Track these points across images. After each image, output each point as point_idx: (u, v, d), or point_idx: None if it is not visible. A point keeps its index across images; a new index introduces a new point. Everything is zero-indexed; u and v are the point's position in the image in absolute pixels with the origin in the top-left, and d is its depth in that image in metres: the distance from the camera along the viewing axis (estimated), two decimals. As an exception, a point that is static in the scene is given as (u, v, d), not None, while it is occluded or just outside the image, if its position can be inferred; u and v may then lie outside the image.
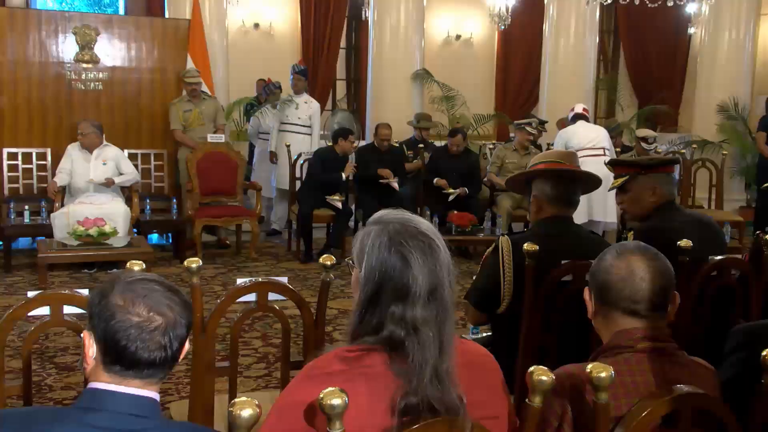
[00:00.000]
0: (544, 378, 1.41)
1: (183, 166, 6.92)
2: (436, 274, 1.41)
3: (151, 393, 1.35)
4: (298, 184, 7.01)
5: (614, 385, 1.51)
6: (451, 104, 9.04)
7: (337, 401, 1.22)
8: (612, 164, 3.12)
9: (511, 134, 8.31)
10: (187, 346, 1.40)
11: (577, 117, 6.78)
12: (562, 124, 7.39)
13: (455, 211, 6.45)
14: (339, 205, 6.60)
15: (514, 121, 8.08)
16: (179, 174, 7.04)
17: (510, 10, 9.16)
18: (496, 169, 7.09)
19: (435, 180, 6.91)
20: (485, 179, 7.28)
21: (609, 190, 3.14)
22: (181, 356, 1.39)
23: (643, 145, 6.99)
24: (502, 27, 9.59)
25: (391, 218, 1.47)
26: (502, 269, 2.58)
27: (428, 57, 9.55)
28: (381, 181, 6.80)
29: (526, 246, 2.49)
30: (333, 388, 1.23)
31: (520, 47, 11.69)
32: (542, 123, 7.88)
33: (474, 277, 2.85)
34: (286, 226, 7.41)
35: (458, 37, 11.76)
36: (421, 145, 7.66)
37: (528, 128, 7.10)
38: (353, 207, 7.08)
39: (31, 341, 2.13)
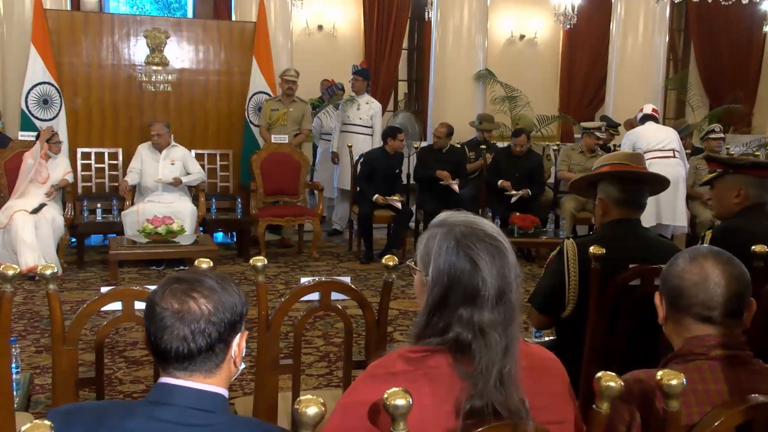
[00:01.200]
0: (612, 384, 1.38)
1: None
2: (504, 277, 1.40)
3: (219, 389, 1.37)
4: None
5: (685, 393, 1.47)
6: (514, 105, 8.94)
7: (401, 402, 1.22)
8: (707, 159, 3.14)
9: (576, 135, 8.17)
10: (235, 343, 1.40)
11: (646, 118, 6.61)
12: (630, 124, 7.22)
13: (517, 213, 6.36)
14: (399, 205, 6.61)
15: (579, 123, 7.93)
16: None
17: (576, 9, 9.01)
18: (566, 167, 6.99)
19: (500, 182, 6.84)
20: (549, 179, 7.17)
21: (700, 185, 3.09)
22: (229, 353, 1.39)
23: (711, 135, 6.84)
24: (568, 26, 9.44)
25: (456, 221, 1.46)
26: (567, 273, 2.54)
27: (491, 57, 9.47)
28: (441, 182, 6.77)
29: (592, 249, 2.45)
30: (397, 389, 1.23)
31: (585, 47, 11.50)
32: (613, 126, 7.73)
33: (537, 281, 2.81)
34: (347, 226, 7.46)
35: (522, 36, 11.64)
36: (483, 146, 7.59)
37: (597, 133, 6.97)
38: (414, 208, 7.07)
39: (104, 335, 2.20)
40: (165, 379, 1.35)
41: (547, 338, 3.11)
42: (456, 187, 6.79)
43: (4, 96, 7.61)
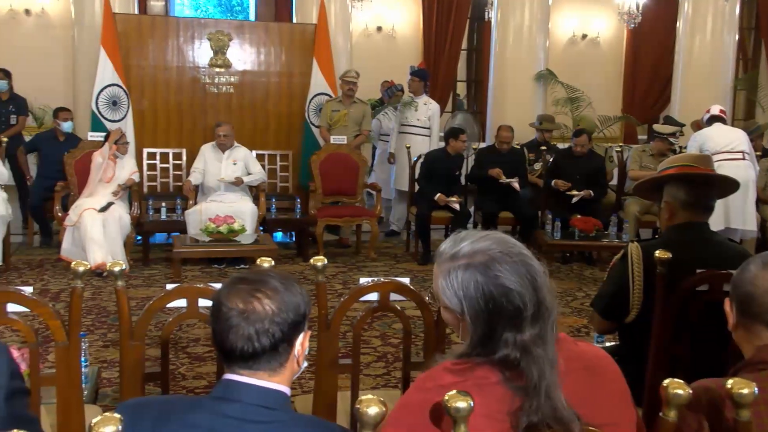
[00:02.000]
0: (680, 392, 1.35)
1: None
2: (537, 288, 1.38)
3: (282, 387, 1.39)
4: (417, 185, 7.04)
5: (757, 403, 1.42)
6: (576, 105, 8.80)
7: (462, 404, 1.21)
8: None
9: (640, 137, 7.98)
10: (299, 342, 1.42)
11: (714, 119, 6.41)
12: (697, 125, 7.01)
13: (578, 216, 6.25)
14: (457, 207, 6.57)
15: (644, 124, 7.76)
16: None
17: (641, 8, 8.81)
18: (637, 167, 6.82)
19: (553, 182, 6.73)
20: (612, 181, 7.01)
21: None
22: (292, 353, 1.41)
23: None
24: (632, 25, 9.24)
25: (467, 251, 1.41)
26: (632, 277, 2.48)
27: (552, 57, 9.35)
28: (501, 181, 6.70)
29: (657, 253, 2.39)
30: (456, 392, 1.22)
31: (650, 46, 11.22)
32: (679, 125, 7.53)
33: (599, 285, 2.75)
34: (404, 227, 7.46)
35: (584, 36, 11.44)
36: (543, 147, 7.49)
37: (671, 139, 6.79)
38: (472, 209, 7.03)
39: (169, 331, 2.25)
40: (230, 376, 1.38)
41: (608, 343, 3.05)
42: (516, 185, 6.70)
43: (76, 97, 7.91)
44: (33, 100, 8.47)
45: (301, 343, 1.43)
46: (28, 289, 2.12)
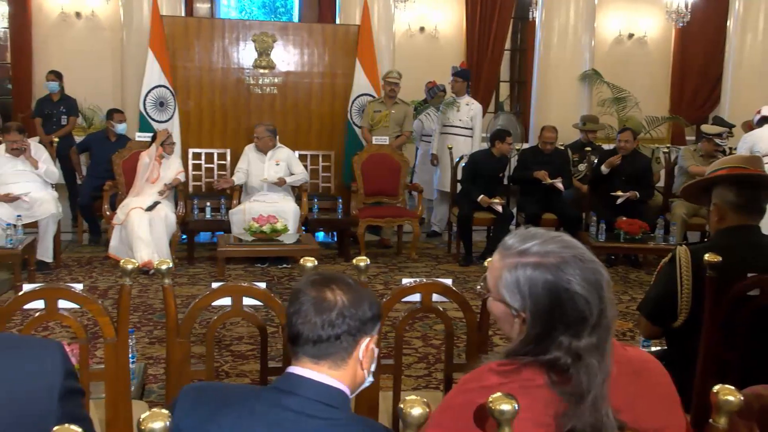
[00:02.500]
0: (731, 398, 1.32)
1: None
2: (602, 297, 1.36)
3: (343, 386, 1.41)
4: (459, 186, 7.01)
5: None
6: (621, 106, 8.66)
7: (506, 407, 1.20)
8: None
9: (689, 138, 7.82)
10: (364, 344, 1.43)
11: (765, 120, 6.26)
12: (749, 126, 6.85)
13: (624, 217, 6.14)
14: (499, 208, 6.52)
15: (692, 124, 7.59)
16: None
17: (689, 7, 8.63)
18: (693, 163, 6.66)
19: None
20: (659, 182, 6.87)
21: None
22: (356, 351, 1.43)
23: None
24: (681, 24, 9.06)
25: (538, 250, 1.39)
26: (680, 281, 2.43)
27: (597, 57, 9.22)
28: (545, 182, 6.63)
29: (707, 257, 2.33)
30: (501, 394, 1.22)
31: (699, 45, 10.99)
32: (728, 126, 7.36)
33: (646, 288, 2.71)
34: (446, 228, 7.44)
35: (631, 35, 11.26)
36: (587, 148, 7.39)
37: (717, 140, 6.64)
38: (514, 210, 6.97)
39: (215, 329, 2.28)
40: (293, 369, 1.41)
41: (654, 348, 2.99)
42: (560, 186, 6.63)
43: (124, 99, 8.08)
44: (83, 101, 8.69)
45: (367, 345, 1.45)
46: (78, 286, 2.17)
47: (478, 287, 1.53)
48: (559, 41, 8.53)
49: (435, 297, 2.38)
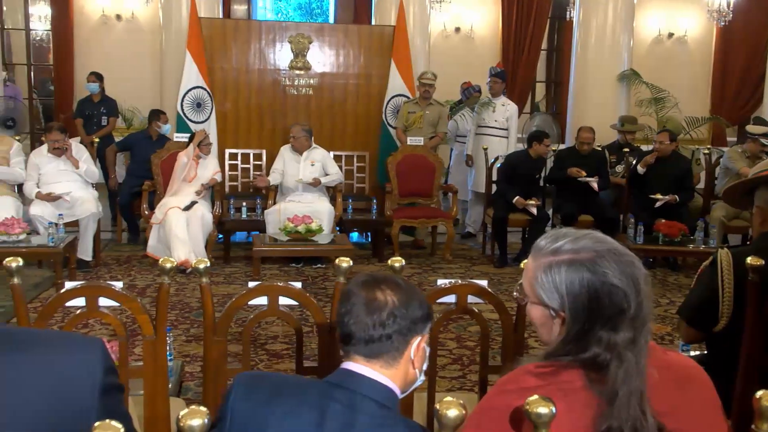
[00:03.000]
0: (774, 405, 1.28)
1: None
2: (639, 290, 1.35)
3: (394, 385, 1.43)
4: (494, 187, 6.97)
5: None
6: (661, 106, 8.52)
7: (543, 410, 1.19)
8: None
9: (730, 139, 7.66)
10: (415, 343, 1.45)
11: (809, 120, 6.10)
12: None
13: (663, 220, 6.03)
14: (534, 210, 6.46)
15: (736, 125, 7.43)
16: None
17: (732, 6, 8.46)
18: (741, 165, 6.52)
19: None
20: (698, 184, 6.73)
21: None
22: (407, 351, 1.44)
23: None
24: (722, 23, 8.89)
25: (571, 248, 1.38)
26: (721, 285, 2.38)
27: (636, 57, 9.09)
28: (579, 179, 6.55)
29: (749, 260, 2.28)
30: (538, 396, 1.20)
31: (742, 44, 10.75)
32: None
33: (686, 292, 2.65)
34: (480, 229, 7.41)
35: (671, 35, 11.07)
36: (625, 150, 7.29)
37: (762, 140, 6.50)
38: (550, 211, 6.90)
39: (251, 328, 2.30)
40: (346, 365, 1.44)
41: (694, 352, 2.94)
42: (595, 185, 6.54)
43: (162, 99, 8.20)
44: (123, 102, 8.83)
45: (418, 344, 1.46)
46: (118, 284, 2.20)
47: (515, 293, 1.52)
48: (596, 41, 8.43)
49: (470, 298, 2.36)
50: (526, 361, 1.42)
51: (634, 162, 6.78)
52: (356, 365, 1.43)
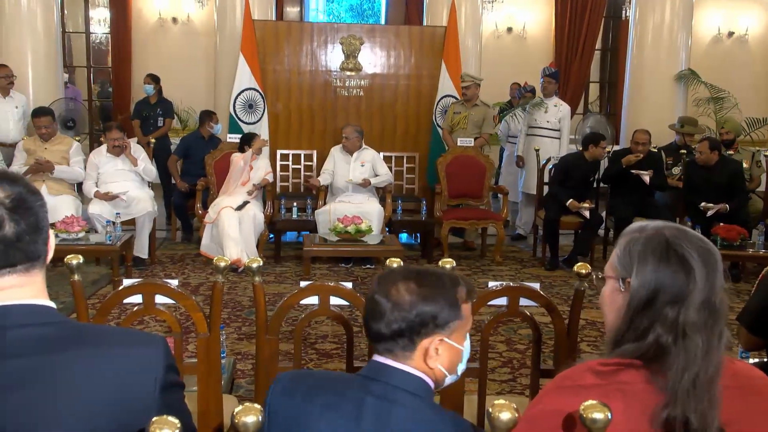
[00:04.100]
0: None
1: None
2: (714, 280, 1.33)
3: (423, 376, 1.43)
4: (545, 189, 6.87)
5: None
6: (719, 107, 8.29)
7: (599, 415, 1.17)
8: None
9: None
10: (426, 342, 1.42)
11: None
12: None
13: (721, 223, 5.86)
14: (587, 214, 6.35)
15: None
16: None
17: (795, 2, 8.19)
18: None
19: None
20: (759, 186, 6.50)
21: None
22: (417, 349, 1.42)
23: None
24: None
25: (659, 224, 1.41)
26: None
27: (694, 56, 8.86)
28: (632, 171, 6.41)
29: (815, 266, 2.20)
30: (594, 401, 1.18)
31: (805, 43, 10.41)
32: None
33: (747, 298, 2.58)
34: (531, 230, 7.32)
35: (731, 34, 10.78)
36: (683, 151, 7.11)
37: None
38: (604, 214, 6.77)
39: (302, 327, 2.31)
40: (376, 357, 1.46)
41: (753, 360, 2.85)
42: (647, 179, 6.39)
43: (216, 101, 8.35)
44: (178, 104, 9.03)
45: (435, 345, 1.43)
46: (174, 282, 2.24)
47: (594, 277, 1.51)
48: (653, 40, 8.24)
49: (522, 301, 2.34)
50: (588, 357, 1.40)
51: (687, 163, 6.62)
52: (383, 358, 1.45)
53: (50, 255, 1.27)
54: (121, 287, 2.22)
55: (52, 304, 1.23)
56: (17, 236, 1.16)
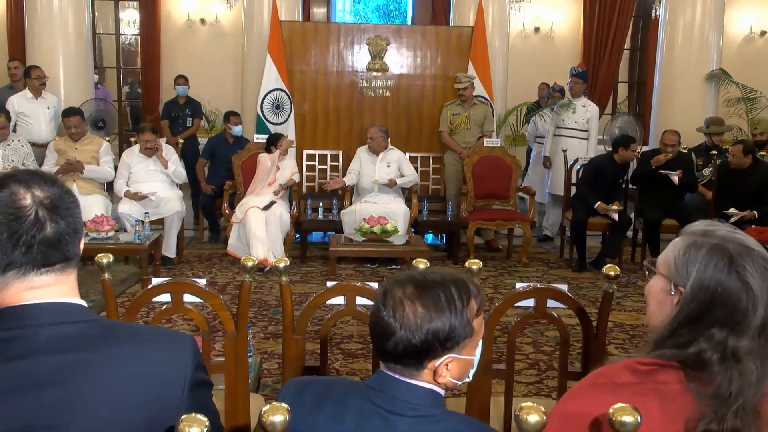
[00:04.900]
0: None
1: (449, 170, 7.13)
2: None
3: (430, 386, 1.38)
4: (573, 190, 6.81)
5: None
6: (751, 107, 8.16)
7: (629, 419, 1.16)
8: None
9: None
10: (437, 362, 1.36)
11: None
12: None
13: (754, 225, 5.76)
14: (615, 216, 6.27)
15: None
16: (446, 177, 7.24)
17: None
18: None
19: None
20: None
21: None
22: (426, 368, 1.36)
23: None
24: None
25: (725, 235, 1.35)
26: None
27: (725, 56, 8.73)
28: (661, 171, 6.33)
29: None
30: (624, 404, 1.17)
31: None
32: None
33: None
34: (558, 232, 7.26)
35: (763, 33, 10.60)
36: (713, 152, 7.00)
37: None
38: (632, 215, 6.69)
39: (329, 327, 2.32)
40: (383, 369, 1.42)
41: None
42: (675, 179, 6.29)
43: (243, 102, 8.39)
44: (206, 104, 9.10)
45: (440, 364, 1.36)
46: (202, 281, 2.26)
47: (646, 262, 1.48)
48: (684, 40, 8.14)
49: (549, 303, 2.32)
50: (619, 358, 1.39)
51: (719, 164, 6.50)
52: (389, 371, 1.39)
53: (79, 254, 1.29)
54: (150, 286, 2.24)
55: (84, 303, 1.25)
56: (57, 236, 1.18)
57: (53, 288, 1.20)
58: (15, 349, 1.15)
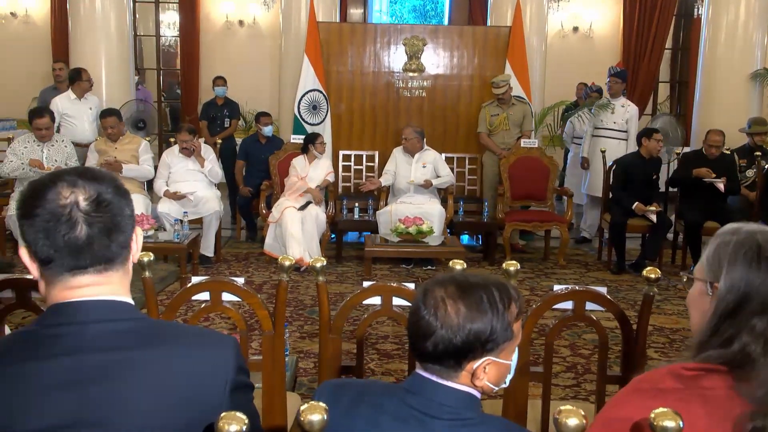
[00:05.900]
0: None
1: (487, 171, 7.08)
2: None
3: (467, 388, 1.37)
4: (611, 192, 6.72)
5: None
6: (796, 106, 7.97)
7: (670, 424, 1.13)
8: None
9: None
10: (475, 365, 1.35)
11: None
12: None
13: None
14: (653, 218, 6.17)
15: None
16: (484, 178, 7.20)
17: None
18: None
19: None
20: None
21: None
22: (463, 369, 1.36)
23: None
24: None
25: (753, 228, 1.35)
26: None
27: (770, 54, 8.54)
28: (705, 180, 6.21)
29: None
30: (666, 409, 1.15)
31: None
32: None
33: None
34: (596, 233, 7.17)
35: (808, 30, 10.33)
36: (757, 153, 6.85)
37: None
38: (673, 217, 6.58)
39: (365, 327, 2.32)
40: (418, 370, 1.41)
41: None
42: (721, 186, 6.18)
43: (280, 102, 8.46)
44: (243, 105, 9.19)
45: (477, 367, 1.36)
46: (240, 280, 2.28)
47: (686, 275, 1.46)
48: (727, 38, 7.98)
49: (587, 305, 2.29)
50: (659, 363, 1.37)
51: (766, 166, 6.36)
52: (426, 372, 1.38)
53: (136, 253, 1.29)
54: (189, 284, 2.27)
55: (131, 301, 1.26)
56: (88, 240, 1.19)
57: (97, 287, 1.22)
58: (61, 346, 1.18)
